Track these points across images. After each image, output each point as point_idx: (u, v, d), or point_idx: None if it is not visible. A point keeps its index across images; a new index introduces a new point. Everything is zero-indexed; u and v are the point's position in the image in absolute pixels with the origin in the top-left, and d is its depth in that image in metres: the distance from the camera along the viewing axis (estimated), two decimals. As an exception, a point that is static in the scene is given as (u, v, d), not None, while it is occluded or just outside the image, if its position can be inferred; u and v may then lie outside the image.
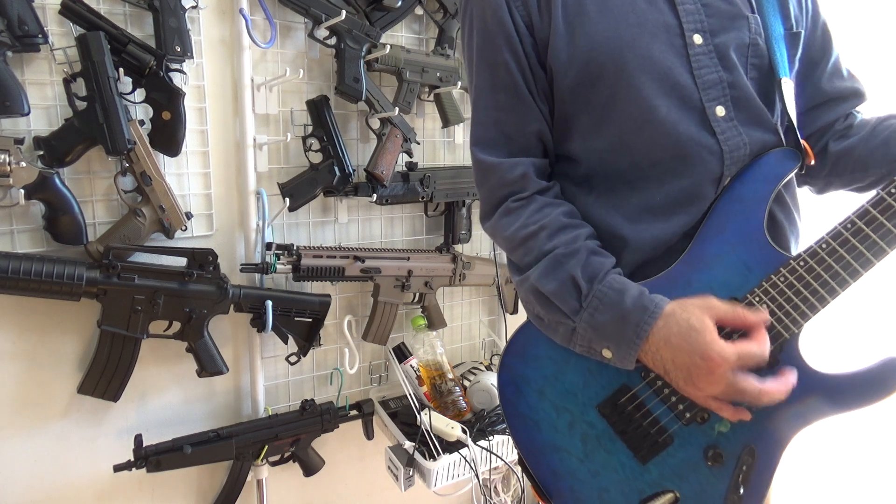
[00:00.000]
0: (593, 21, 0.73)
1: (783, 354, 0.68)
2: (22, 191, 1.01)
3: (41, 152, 1.03)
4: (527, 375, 0.80)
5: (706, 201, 0.73)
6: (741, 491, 0.70)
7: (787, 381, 0.65)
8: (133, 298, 1.11)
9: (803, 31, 0.79)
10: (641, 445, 0.74)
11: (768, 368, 0.66)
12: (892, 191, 0.63)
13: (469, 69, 0.83)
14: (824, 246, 0.66)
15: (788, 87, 0.75)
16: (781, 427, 0.70)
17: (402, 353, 1.44)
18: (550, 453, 0.79)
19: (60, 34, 1.06)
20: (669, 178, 0.73)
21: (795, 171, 0.73)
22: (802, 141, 0.74)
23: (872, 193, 0.65)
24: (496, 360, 1.65)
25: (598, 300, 0.69)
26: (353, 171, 1.30)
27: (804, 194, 0.84)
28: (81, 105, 1.04)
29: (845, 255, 0.65)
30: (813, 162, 0.77)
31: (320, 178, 1.27)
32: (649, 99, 0.71)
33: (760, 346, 0.64)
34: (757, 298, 0.69)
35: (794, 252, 0.76)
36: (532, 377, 0.80)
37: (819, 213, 0.89)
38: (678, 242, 0.73)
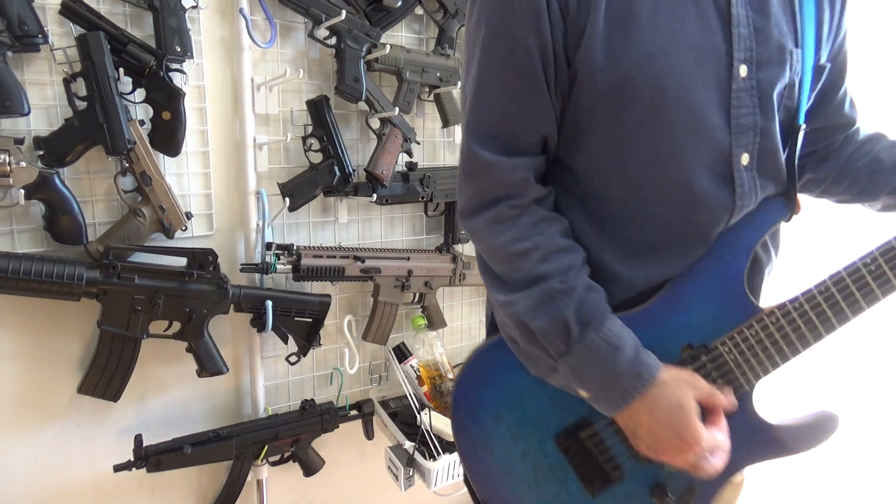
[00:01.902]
0: (639, 29, 0.63)
1: (738, 403, 0.70)
2: (22, 191, 1.01)
3: (41, 152, 1.03)
4: (484, 399, 0.77)
5: (706, 247, 0.70)
6: None
7: (726, 454, 0.67)
8: (133, 298, 1.11)
9: (828, 65, 0.75)
10: (594, 479, 0.74)
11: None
12: (868, 262, 0.65)
13: (472, 45, 0.69)
14: (797, 306, 0.67)
15: (802, 133, 0.72)
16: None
17: (402, 353, 1.44)
18: (499, 477, 0.77)
19: (60, 34, 1.06)
20: (675, 221, 0.69)
21: (782, 222, 0.73)
22: (797, 193, 0.73)
23: (850, 260, 0.66)
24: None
25: (588, 350, 0.65)
26: (353, 171, 1.30)
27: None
28: (81, 105, 1.04)
29: (814, 318, 0.67)
30: (799, 213, 0.75)
31: (320, 178, 1.27)
32: (678, 138, 0.65)
33: (726, 438, 0.66)
34: (726, 348, 0.70)
35: (763, 286, 0.76)
36: (489, 401, 0.77)
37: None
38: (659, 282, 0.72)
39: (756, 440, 0.72)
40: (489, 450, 0.77)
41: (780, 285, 0.79)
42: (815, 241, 1.77)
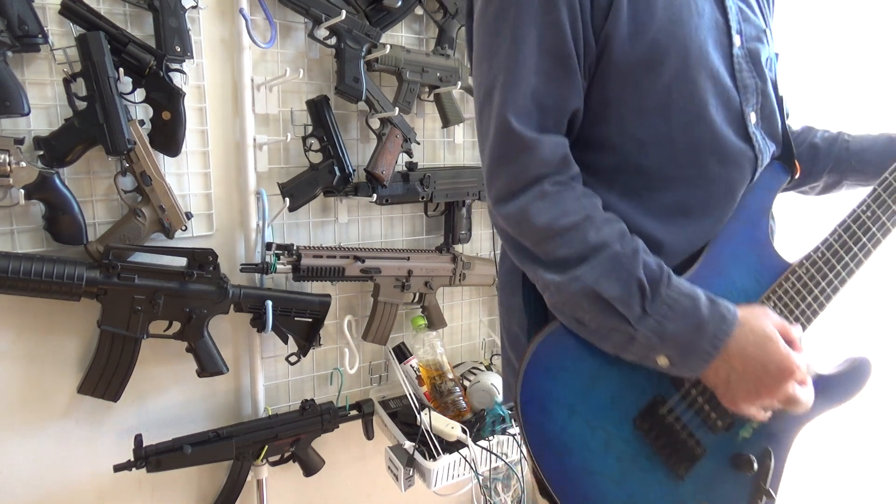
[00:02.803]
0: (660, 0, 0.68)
1: None
2: (22, 191, 1.01)
3: (41, 152, 1.03)
4: (553, 392, 0.71)
5: (735, 204, 0.74)
6: (773, 493, 0.73)
7: (812, 387, 0.68)
8: (133, 298, 1.11)
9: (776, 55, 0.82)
10: (680, 459, 0.72)
11: None
12: (864, 209, 0.73)
13: (494, 28, 0.69)
14: (821, 254, 0.74)
15: (784, 104, 0.78)
16: (789, 428, 0.75)
17: (402, 353, 1.44)
18: (583, 478, 0.71)
19: (60, 34, 1.06)
20: (706, 180, 0.72)
21: (786, 183, 0.77)
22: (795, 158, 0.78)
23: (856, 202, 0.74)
24: (496, 361, 1.65)
25: (667, 307, 0.64)
26: (353, 171, 1.30)
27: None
28: (81, 105, 1.04)
29: (834, 262, 0.74)
30: (798, 175, 0.81)
31: (320, 178, 1.27)
32: (704, 97, 0.69)
33: (807, 360, 0.66)
34: (770, 303, 0.72)
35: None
36: (560, 394, 0.71)
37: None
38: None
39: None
40: (568, 450, 0.71)
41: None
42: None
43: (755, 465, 0.72)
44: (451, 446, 1.30)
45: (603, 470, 0.71)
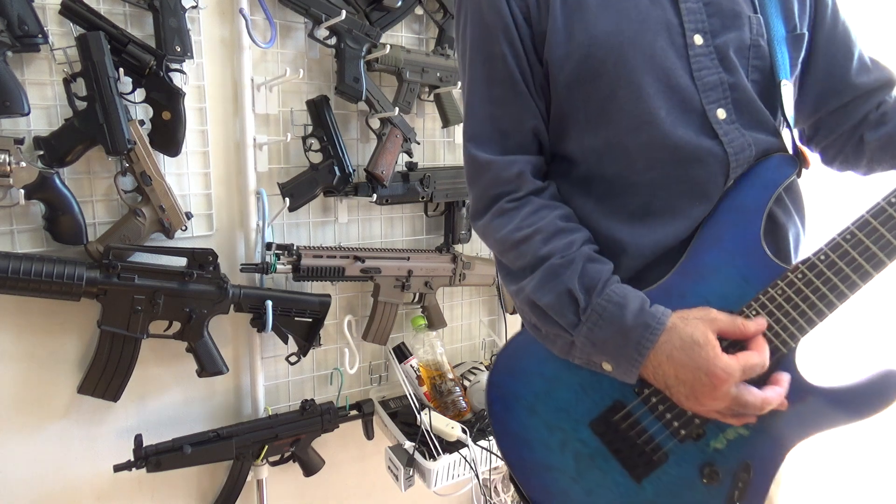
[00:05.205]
0: (594, 15, 0.71)
1: (780, 369, 0.67)
2: (22, 191, 1.01)
3: (41, 152, 1.03)
4: (517, 392, 0.77)
5: (710, 204, 0.71)
6: None
7: (783, 384, 0.65)
8: (133, 298, 1.11)
9: (807, 33, 0.77)
10: (636, 463, 0.72)
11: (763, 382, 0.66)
12: (893, 200, 0.63)
13: (462, 63, 0.80)
14: (823, 258, 0.65)
15: (788, 90, 0.73)
16: (776, 441, 0.70)
17: (402, 353, 1.44)
18: (542, 472, 0.76)
19: (60, 34, 1.06)
20: (669, 181, 0.71)
21: (793, 177, 0.72)
22: (800, 146, 0.73)
23: (874, 200, 0.64)
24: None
25: (597, 314, 0.67)
26: (353, 171, 1.30)
27: (809, 192, 0.82)
28: (81, 105, 1.04)
29: (844, 267, 0.64)
30: (810, 167, 0.75)
31: (320, 178, 1.27)
32: (649, 99, 0.69)
33: (761, 355, 0.64)
34: (754, 312, 0.67)
35: (793, 254, 0.75)
36: (522, 394, 0.77)
37: (823, 215, 0.88)
38: (674, 250, 0.72)
39: (810, 405, 0.68)
40: (528, 445, 0.77)
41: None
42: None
43: (720, 478, 0.70)
44: (451, 446, 1.30)
45: (560, 466, 0.75)
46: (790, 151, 0.72)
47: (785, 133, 0.74)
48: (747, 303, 0.68)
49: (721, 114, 0.70)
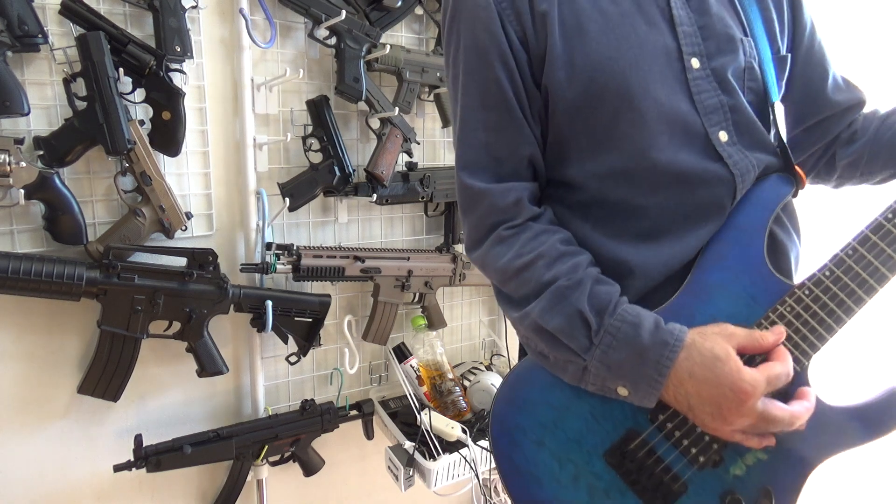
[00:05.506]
0: (594, 40, 0.69)
1: (793, 388, 0.65)
2: (22, 191, 1.01)
3: (41, 152, 1.03)
4: (522, 425, 0.72)
5: (718, 225, 0.70)
6: None
7: (809, 398, 0.64)
8: (133, 298, 1.11)
9: (790, 55, 0.79)
10: (654, 496, 0.68)
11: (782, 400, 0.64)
12: (890, 216, 0.63)
13: (454, 88, 0.77)
14: (828, 273, 0.65)
15: (780, 110, 0.75)
16: (796, 465, 0.68)
17: (402, 353, 1.44)
18: None
19: (60, 34, 1.06)
20: (675, 204, 0.70)
21: (790, 196, 0.72)
22: (797, 167, 0.74)
23: (873, 216, 0.65)
24: (496, 360, 1.65)
25: (610, 336, 0.64)
26: (353, 171, 1.30)
27: (806, 209, 0.84)
28: (81, 105, 1.04)
29: (849, 282, 0.64)
30: (806, 186, 0.75)
31: (320, 178, 1.27)
32: (652, 124, 0.68)
33: (784, 364, 0.62)
34: (763, 329, 0.66)
35: (794, 273, 0.75)
36: (528, 426, 0.72)
37: (820, 231, 0.89)
38: (678, 271, 0.71)
39: (828, 425, 0.67)
40: (538, 482, 0.71)
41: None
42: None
43: None
44: (451, 446, 1.30)
45: (574, 502, 0.70)
46: (785, 169, 0.73)
47: (782, 151, 0.75)
48: (757, 321, 0.67)
49: (723, 136, 0.70)
